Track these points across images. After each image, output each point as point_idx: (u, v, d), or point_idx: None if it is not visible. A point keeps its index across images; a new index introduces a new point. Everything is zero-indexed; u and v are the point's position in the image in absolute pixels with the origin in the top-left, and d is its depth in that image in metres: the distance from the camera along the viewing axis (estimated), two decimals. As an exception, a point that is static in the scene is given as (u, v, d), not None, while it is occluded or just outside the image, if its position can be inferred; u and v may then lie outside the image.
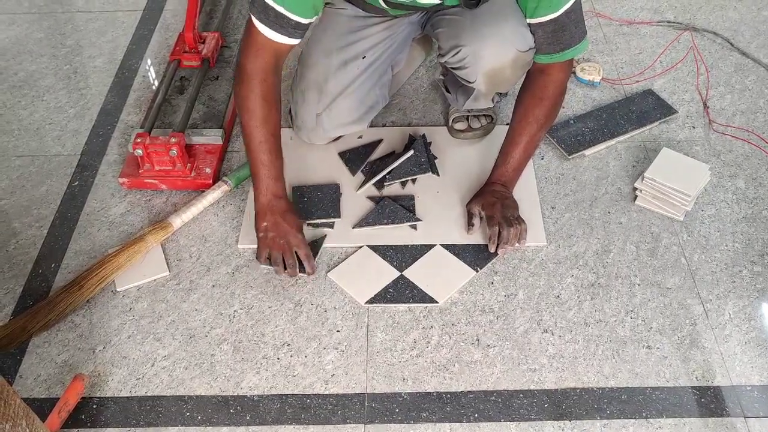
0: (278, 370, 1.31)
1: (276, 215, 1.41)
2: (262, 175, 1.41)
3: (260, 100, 1.36)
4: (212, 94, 1.80)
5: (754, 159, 1.67)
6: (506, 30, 1.37)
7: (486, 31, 1.39)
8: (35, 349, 1.35)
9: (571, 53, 1.37)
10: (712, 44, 1.99)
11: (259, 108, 1.36)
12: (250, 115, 1.38)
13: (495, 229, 1.45)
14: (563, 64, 1.40)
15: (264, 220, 1.42)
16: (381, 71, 1.61)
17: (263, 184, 1.41)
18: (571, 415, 1.24)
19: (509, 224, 1.44)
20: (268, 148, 1.39)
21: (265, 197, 1.42)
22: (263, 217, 1.42)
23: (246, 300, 1.42)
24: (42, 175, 1.68)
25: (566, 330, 1.36)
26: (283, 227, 1.41)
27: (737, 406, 1.25)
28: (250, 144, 1.40)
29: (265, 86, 1.36)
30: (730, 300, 1.40)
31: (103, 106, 1.86)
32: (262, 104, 1.36)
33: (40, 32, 2.12)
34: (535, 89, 1.44)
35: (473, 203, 1.50)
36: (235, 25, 2.03)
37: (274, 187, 1.42)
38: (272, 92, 1.38)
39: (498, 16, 1.37)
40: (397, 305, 1.40)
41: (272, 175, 1.41)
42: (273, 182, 1.42)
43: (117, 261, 1.43)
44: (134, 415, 1.26)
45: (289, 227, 1.42)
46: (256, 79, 1.35)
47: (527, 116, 1.45)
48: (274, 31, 1.30)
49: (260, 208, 1.43)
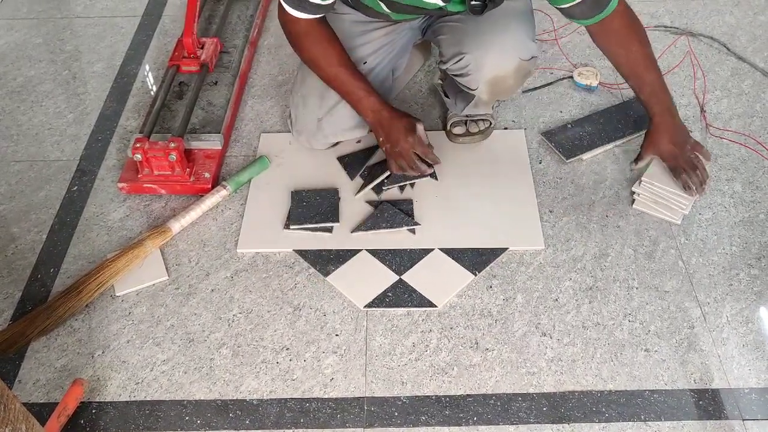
0: (277, 374, 1.31)
1: (385, 127, 1.48)
2: (356, 100, 1.48)
3: (314, 46, 1.44)
4: (211, 99, 1.81)
5: (751, 163, 1.68)
6: (509, 38, 1.38)
7: (489, 39, 1.40)
8: (34, 353, 1.35)
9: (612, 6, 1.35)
10: (708, 49, 2.00)
11: (317, 52, 1.44)
12: (313, 64, 1.46)
13: (684, 177, 1.48)
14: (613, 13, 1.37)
15: (379, 135, 1.50)
16: (382, 77, 1.62)
17: (362, 106, 1.48)
18: (569, 419, 1.24)
19: (692, 166, 1.48)
20: (346, 77, 1.45)
21: (369, 116, 1.49)
22: (378, 132, 1.50)
23: (245, 304, 1.42)
24: (41, 180, 1.68)
25: (564, 333, 1.36)
26: (393, 136, 1.48)
27: (735, 408, 1.25)
28: (333, 83, 1.47)
29: (312, 37, 1.42)
30: (728, 303, 1.41)
31: (102, 111, 1.87)
32: (318, 48, 1.43)
33: (38, 37, 2.13)
34: (609, 37, 1.43)
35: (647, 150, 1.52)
36: (234, 31, 2.04)
37: (373, 103, 1.48)
38: (322, 35, 1.43)
39: (501, 24, 1.38)
40: (395, 309, 1.41)
41: (363, 95, 1.47)
42: (368, 99, 1.47)
43: (116, 266, 1.44)
44: (133, 419, 1.26)
45: (398, 134, 1.47)
46: (301, 33, 1.42)
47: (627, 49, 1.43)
48: (297, 10, 1.36)
49: (372, 126, 1.51)
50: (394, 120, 1.48)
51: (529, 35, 1.39)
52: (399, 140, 1.47)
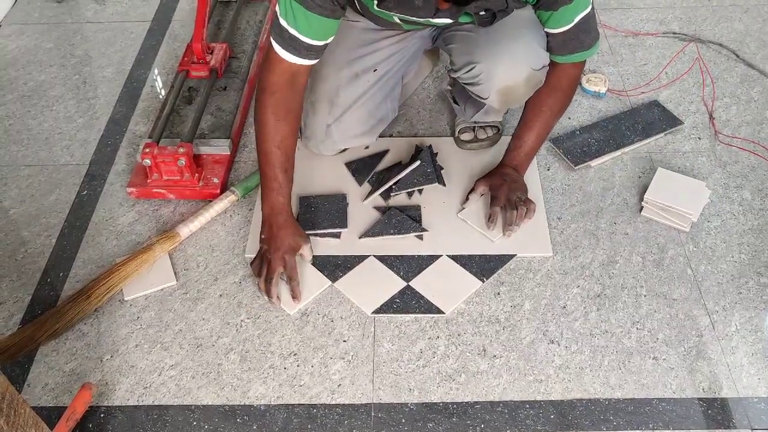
0: (285, 379, 1.32)
1: (272, 229, 1.42)
2: (265, 187, 1.42)
3: (269, 114, 1.37)
4: (220, 104, 1.82)
5: (760, 170, 1.67)
6: (520, 48, 1.38)
7: (500, 49, 1.40)
8: (43, 357, 1.36)
9: (582, 56, 1.41)
10: (717, 55, 1.99)
11: (268, 121, 1.38)
12: (259, 127, 1.40)
13: (495, 209, 1.50)
14: (576, 63, 1.44)
15: (263, 231, 1.44)
16: (392, 84, 1.62)
17: (265, 196, 1.43)
18: (577, 426, 1.24)
19: (513, 206, 1.49)
20: (273, 162, 1.40)
21: (266, 210, 1.43)
22: (263, 228, 1.44)
23: (253, 309, 1.43)
24: (51, 185, 1.69)
25: (572, 341, 1.36)
26: (275, 244, 1.41)
27: (744, 417, 1.25)
28: (259, 156, 1.41)
29: (275, 99, 1.37)
30: (737, 311, 1.40)
31: (111, 116, 1.88)
32: (271, 118, 1.37)
33: (49, 42, 2.14)
34: (550, 81, 1.47)
35: (481, 182, 1.55)
36: (243, 36, 2.05)
37: (274, 201, 1.42)
38: (283, 106, 1.38)
39: (512, 34, 1.39)
40: (403, 315, 1.41)
41: (273, 188, 1.42)
42: (274, 196, 1.42)
43: (125, 270, 1.44)
44: (141, 424, 1.26)
45: (279, 245, 1.41)
46: (268, 91, 1.37)
47: (541, 105, 1.50)
48: (288, 52, 1.32)
49: (263, 219, 1.44)
50: (286, 230, 1.42)
51: (540, 44, 1.39)
52: (276, 249, 1.40)
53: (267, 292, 1.40)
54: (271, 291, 1.39)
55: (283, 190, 1.42)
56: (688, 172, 1.65)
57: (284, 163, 1.41)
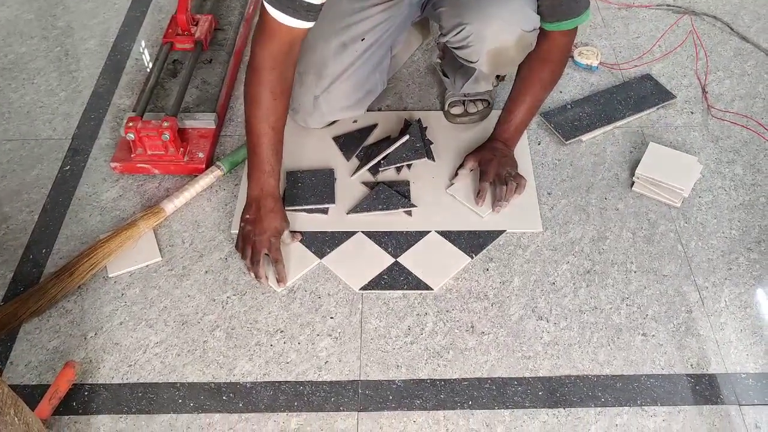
0: (271, 356, 1.30)
1: (260, 211, 1.40)
2: (256, 168, 1.39)
3: (267, 92, 1.33)
4: (205, 77, 1.78)
5: (752, 145, 1.66)
6: (511, 9, 1.35)
7: (491, 11, 1.37)
8: (26, 335, 1.34)
9: (572, 23, 1.38)
10: (711, 28, 1.97)
11: (264, 99, 1.33)
12: (253, 106, 1.35)
13: (485, 184, 1.48)
14: (566, 30, 1.41)
15: (248, 212, 1.41)
16: (380, 55, 1.59)
17: (255, 178, 1.40)
18: (565, 403, 1.24)
19: (502, 182, 1.47)
20: (266, 143, 1.37)
21: (254, 191, 1.40)
22: (249, 208, 1.41)
23: (239, 286, 1.41)
24: (33, 159, 1.66)
25: (561, 317, 1.35)
26: (260, 226, 1.39)
27: (732, 393, 1.24)
28: (250, 135, 1.38)
29: (274, 76, 1.32)
30: (726, 287, 1.39)
31: (94, 89, 1.84)
32: (268, 96, 1.33)
33: (30, 13, 2.09)
34: (540, 52, 1.44)
35: (470, 157, 1.53)
36: (229, 8, 2.01)
37: (265, 183, 1.40)
38: (280, 84, 1.34)
39: None
40: (391, 292, 1.39)
41: (265, 170, 1.39)
42: (266, 178, 1.39)
43: (109, 247, 1.42)
44: (126, 402, 1.25)
45: (265, 226, 1.39)
46: (266, 67, 1.31)
47: (532, 77, 1.48)
48: (287, 14, 1.25)
49: (249, 199, 1.42)
50: (272, 213, 1.40)
51: (530, 5, 1.37)
52: (262, 232, 1.38)
53: (255, 273, 1.38)
54: (259, 272, 1.37)
55: (275, 172, 1.40)
56: (680, 147, 1.63)
57: (277, 144, 1.39)
